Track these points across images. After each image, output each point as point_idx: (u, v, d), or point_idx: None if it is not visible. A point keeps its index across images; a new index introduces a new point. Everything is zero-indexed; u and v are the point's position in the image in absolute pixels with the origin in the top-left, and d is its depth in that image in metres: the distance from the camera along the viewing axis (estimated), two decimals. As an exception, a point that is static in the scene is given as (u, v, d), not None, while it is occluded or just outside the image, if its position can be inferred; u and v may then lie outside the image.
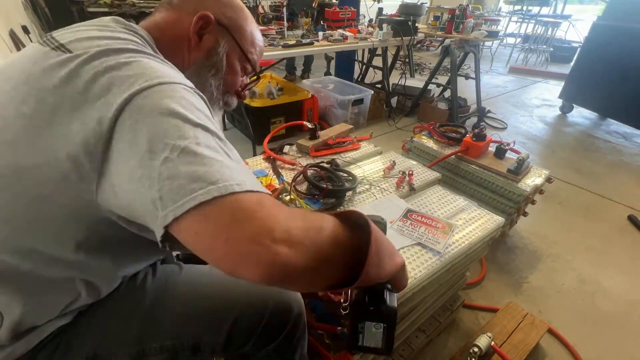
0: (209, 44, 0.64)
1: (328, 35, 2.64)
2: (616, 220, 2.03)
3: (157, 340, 0.61)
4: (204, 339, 0.63)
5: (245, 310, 0.64)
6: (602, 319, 1.41)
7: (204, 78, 0.66)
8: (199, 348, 0.63)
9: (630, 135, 3.26)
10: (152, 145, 0.39)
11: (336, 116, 2.96)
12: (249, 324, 0.64)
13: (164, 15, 0.64)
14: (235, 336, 0.63)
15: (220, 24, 0.65)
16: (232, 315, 0.63)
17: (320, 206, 1.06)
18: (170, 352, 0.62)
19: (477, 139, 1.62)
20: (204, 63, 0.65)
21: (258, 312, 0.64)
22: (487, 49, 6.79)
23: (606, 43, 3.25)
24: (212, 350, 0.64)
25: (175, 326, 0.62)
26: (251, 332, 0.64)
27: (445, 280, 1.02)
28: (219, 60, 0.66)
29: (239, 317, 0.63)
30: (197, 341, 0.62)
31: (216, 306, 0.64)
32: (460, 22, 3.06)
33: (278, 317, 0.66)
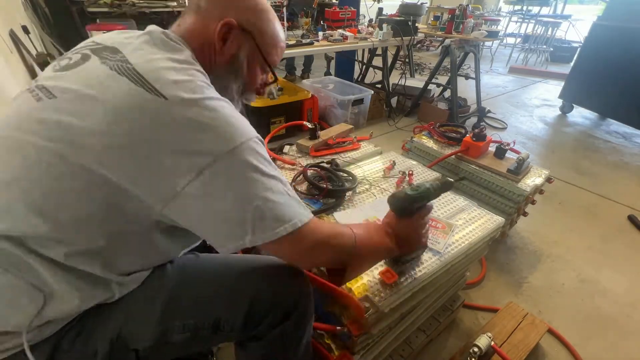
0: (232, 49, 0.69)
1: (328, 35, 2.64)
2: (616, 220, 2.03)
3: (179, 319, 0.64)
4: (223, 317, 0.65)
5: (261, 292, 0.67)
6: (602, 319, 1.41)
7: (226, 82, 0.71)
8: (218, 326, 0.65)
9: (630, 135, 3.26)
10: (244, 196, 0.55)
11: (336, 116, 2.96)
12: (264, 305, 0.67)
13: (193, 21, 0.68)
14: (253, 315, 0.66)
15: (243, 29, 0.68)
16: (249, 295, 0.66)
17: (320, 206, 1.06)
18: (192, 331, 0.64)
19: (477, 139, 1.62)
20: (227, 68, 0.70)
21: (272, 294, 0.68)
22: (487, 49, 6.80)
23: (606, 43, 3.25)
24: (232, 328, 0.66)
25: (196, 305, 0.65)
26: (266, 313, 0.67)
27: (445, 280, 1.02)
28: (241, 64, 0.71)
29: (255, 298, 0.66)
30: (217, 319, 0.65)
31: (233, 286, 0.67)
32: (460, 22, 3.06)
33: (288, 300, 0.69)
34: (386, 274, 0.83)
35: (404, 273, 0.86)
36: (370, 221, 1.02)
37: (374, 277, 0.84)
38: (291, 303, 0.69)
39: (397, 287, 0.82)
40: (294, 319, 0.70)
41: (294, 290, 0.70)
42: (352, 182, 1.16)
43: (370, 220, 1.03)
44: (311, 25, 2.94)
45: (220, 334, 0.66)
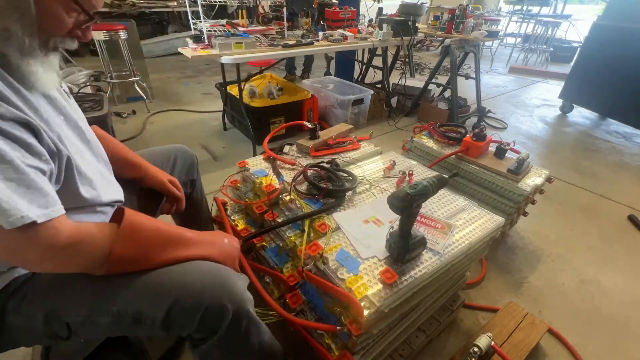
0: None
1: (328, 35, 2.64)
2: (616, 220, 2.03)
3: (104, 304, 0.67)
4: (144, 310, 0.67)
5: (184, 296, 0.67)
6: (602, 319, 1.41)
7: (6, 23, 0.54)
8: (140, 319, 0.67)
9: (630, 135, 3.26)
10: None
11: (336, 116, 2.96)
12: (187, 310, 0.67)
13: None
14: (173, 316, 0.67)
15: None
16: (171, 296, 0.67)
17: (321, 206, 1.06)
18: (114, 317, 0.67)
19: (477, 139, 1.62)
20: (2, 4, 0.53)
21: (196, 300, 0.67)
22: (487, 49, 6.80)
23: (606, 43, 3.25)
24: (152, 323, 0.68)
25: (121, 294, 0.67)
26: (190, 318, 0.68)
27: (445, 280, 1.02)
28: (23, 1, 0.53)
29: (177, 300, 0.67)
30: (139, 311, 0.67)
31: (158, 283, 0.68)
32: (460, 22, 3.06)
33: (215, 311, 0.68)
34: (386, 274, 0.83)
35: (404, 273, 0.86)
36: (370, 221, 1.02)
37: (374, 277, 0.84)
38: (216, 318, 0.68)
39: (397, 287, 0.82)
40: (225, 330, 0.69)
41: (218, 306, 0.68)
42: (352, 182, 1.16)
43: (370, 220, 1.03)
44: (311, 25, 2.94)
45: (141, 326, 0.68)
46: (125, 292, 0.67)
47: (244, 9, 2.64)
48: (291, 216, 1.09)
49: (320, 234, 0.98)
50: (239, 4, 2.68)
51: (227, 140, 2.76)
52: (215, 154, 2.54)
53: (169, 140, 1.17)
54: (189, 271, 0.70)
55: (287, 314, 0.92)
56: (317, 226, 0.98)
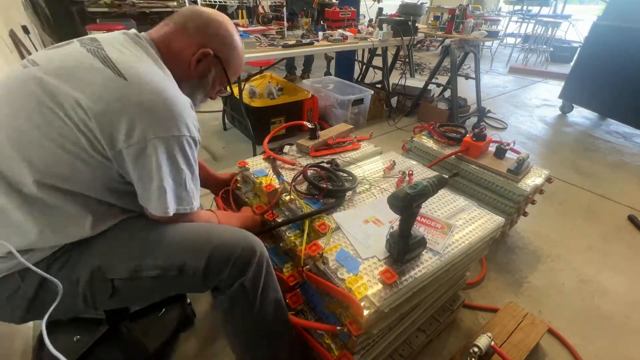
0: (204, 70, 0.88)
1: (328, 35, 2.64)
2: (616, 220, 2.03)
3: (151, 258, 0.76)
4: (187, 262, 0.77)
5: (220, 245, 0.79)
6: (602, 319, 1.41)
7: (193, 91, 0.90)
8: (183, 269, 0.77)
9: (630, 135, 3.26)
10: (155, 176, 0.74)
11: (336, 116, 2.96)
12: (223, 256, 0.79)
13: (176, 37, 0.84)
14: (212, 264, 0.78)
15: (216, 57, 0.87)
16: (210, 246, 0.78)
17: (321, 206, 1.06)
18: (161, 269, 0.76)
19: (477, 139, 1.62)
20: (197, 82, 0.89)
21: (230, 248, 0.80)
22: (487, 49, 6.80)
23: (606, 43, 3.25)
24: (194, 273, 0.77)
25: (166, 248, 0.77)
26: (225, 263, 0.79)
27: (445, 280, 1.02)
28: (207, 82, 0.91)
29: (215, 249, 0.78)
30: (183, 263, 0.77)
31: (198, 237, 0.80)
32: (460, 22, 3.06)
33: (246, 255, 0.81)
34: (386, 274, 0.83)
35: (404, 273, 0.86)
36: (370, 221, 1.02)
37: (374, 277, 0.84)
38: (248, 257, 0.82)
39: (397, 287, 0.82)
40: (252, 272, 0.82)
41: (248, 247, 0.82)
42: (352, 182, 1.16)
43: (370, 220, 1.03)
44: (311, 25, 2.94)
45: (184, 278, 0.78)
46: (171, 246, 0.77)
47: (244, 9, 2.65)
48: (291, 216, 1.09)
49: (320, 234, 0.98)
50: (239, 4, 2.69)
51: (227, 140, 2.76)
52: (215, 154, 2.54)
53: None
54: (220, 228, 0.85)
55: (287, 314, 0.92)
56: (317, 226, 0.98)
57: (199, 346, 1.21)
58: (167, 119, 0.71)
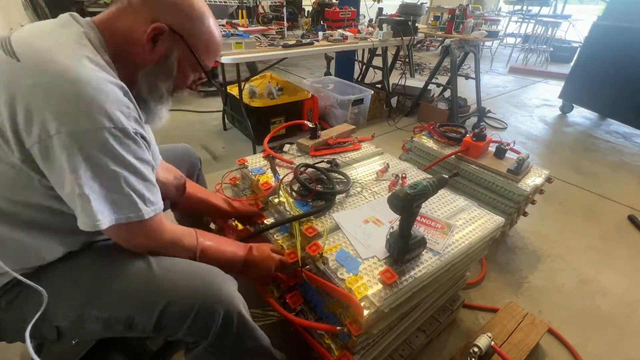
0: (162, 51, 0.70)
1: (328, 35, 2.64)
2: (616, 220, 2.03)
3: (95, 310, 0.68)
4: (136, 317, 0.68)
5: (174, 301, 0.69)
6: (602, 319, 1.41)
7: (153, 81, 0.72)
8: (130, 325, 0.69)
9: (630, 135, 3.26)
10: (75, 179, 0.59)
11: (336, 116, 2.96)
12: (177, 314, 0.69)
13: (120, 16, 0.68)
14: (164, 322, 0.69)
15: (175, 32, 0.69)
16: (162, 302, 0.68)
17: (310, 208, 1.04)
18: (105, 323, 0.68)
19: (477, 139, 1.62)
20: (155, 68, 0.71)
21: (187, 305, 0.69)
22: (487, 49, 6.80)
23: (606, 43, 3.24)
24: (143, 329, 0.69)
25: (112, 298, 0.68)
26: (180, 323, 0.69)
27: (445, 280, 1.02)
28: (170, 66, 0.72)
29: (168, 306, 0.68)
30: (130, 318, 0.68)
31: (149, 289, 0.69)
32: (460, 22, 3.06)
33: (206, 313, 0.70)
34: (386, 274, 0.83)
35: (404, 273, 0.86)
36: (370, 221, 1.02)
37: (374, 277, 0.84)
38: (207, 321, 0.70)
39: (397, 287, 0.82)
40: (214, 335, 0.71)
41: (207, 305, 0.69)
42: (345, 184, 1.15)
43: (370, 220, 1.03)
44: (311, 26, 2.94)
45: (132, 332, 0.70)
46: (117, 296, 0.68)
47: (244, 9, 2.64)
48: (279, 218, 1.08)
49: (308, 238, 0.96)
50: (239, 4, 2.69)
51: (227, 140, 2.76)
52: (215, 153, 2.54)
53: (169, 140, 1.16)
54: (179, 274, 0.72)
55: (287, 313, 0.92)
56: (305, 230, 0.97)
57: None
58: (75, 107, 0.56)
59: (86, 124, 0.56)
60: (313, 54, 2.62)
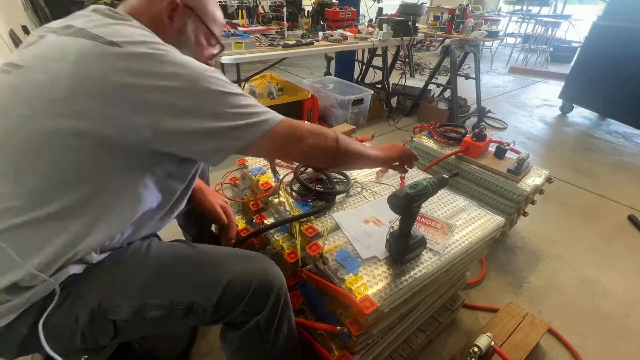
0: (178, 25, 0.76)
1: (328, 35, 2.64)
2: (616, 220, 2.03)
3: (157, 297, 0.67)
4: (197, 300, 0.68)
5: (234, 280, 0.71)
6: (602, 318, 1.41)
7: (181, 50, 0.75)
8: (192, 309, 0.68)
9: (630, 135, 3.26)
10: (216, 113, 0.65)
11: (336, 116, 2.96)
12: (237, 293, 0.71)
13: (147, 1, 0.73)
14: (224, 302, 0.70)
15: (187, 6, 0.75)
16: (224, 282, 0.70)
17: (310, 209, 1.04)
18: (167, 310, 0.67)
19: (477, 139, 1.62)
20: (176, 42, 0.73)
21: (245, 283, 0.71)
22: (487, 49, 6.80)
23: (606, 43, 3.25)
24: (204, 312, 0.69)
25: (174, 286, 0.69)
26: (239, 301, 0.71)
27: (445, 280, 1.02)
28: (188, 38, 0.78)
29: (229, 285, 0.70)
30: (192, 301, 0.68)
31: (210, 271, 0.72)
32: (460, 22, 3.06)
33: (262, 290, 0.73)
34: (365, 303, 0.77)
35: (404, 273, 0.86)
36: (370, 221, 1.02)
37: (374, 277, 0.84)
38: (265, 293, 0.74)
39: (397, 287, 0.82)
40: (268, 309, 0.74)
41: (265, 282, 0.74)
42: (345, 184, 1.15)
43: (370, 220, 1.03)
44: (311, 25, 2.94)
45: (192, 316, 0.69)
46: (179, 282, 0.69)
47: (244, 9, 2.65)
48: (279, 218, 1.08)
49: (307, 238, 0.96)
50: (239, 4, 2.69)
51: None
52: (215, 154, 2.53)
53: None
54: (232, 256, 0.77)
55: (287, 314, 0.92)
56: (304, 230, 0.97)
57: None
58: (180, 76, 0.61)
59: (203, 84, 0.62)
60: (313, 54, 2.62)
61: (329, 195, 1.08)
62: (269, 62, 3.24)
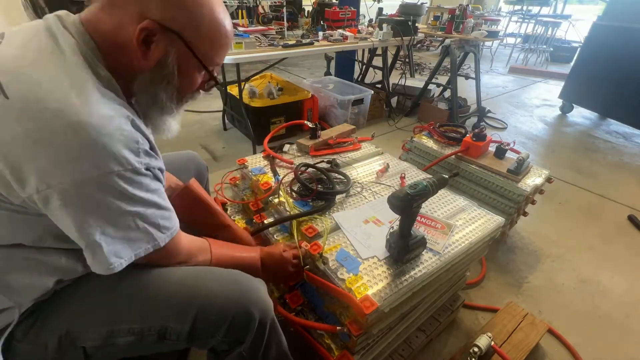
0: (158, 54, 0.59)
1: (328, 35, 2.64)
2: (616, 220, 2.03)
3: (126, 322, 0.64)
4: (170, 325, 0.65)
5: (209, 306, 0.66)
6: (602, 319, 1.41)
7: (153, 91, 0.63)
8: (164, 335, 0.65)
9: (630, 135, 3.26)
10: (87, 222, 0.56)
11: (336, 116, 2.96)
12: (213, 321, 0.66)
13: (106, 15, 0.57)
14: (199, 329, 0.66)
15: (169, 30, 0.58)
16: (196, 305, 0.65)
17: (310, 208, 1.04)
18: (138, 335, 0.64)
19: (477, 139, 1.62)
20: (154, 74, 0.61)
21: (223, 310, 0.66)
22: (487, 49, 6.80)
23: (606, 43, 3.24)
24: (177, 337, 0.66)
25: (144, 309, 0.65)
26: (216, 329, 0.67)
27: (445, 280, 1.02)
28: (170, 71, 0.62)
29: (203, 310, 0.65)
30: (164, 326, 0.65)
31: (182, 294, 0.66)
32: (460, 22, 3.06)
33: (242, 320, 0.68)
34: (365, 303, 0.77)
35: (404, 273, 0.86)
36: (370, 221, 1.02)
37: (374, 277, 0.84)
38: (244, 325, 0.68)
39: (397, 287, 0.82)
40: (250, 340, 0.69)
41: (243, 311, 0.67)
42: (345, 184, 1.15)
43: (370, 220, 1.03)
44: (311, 25, 2.94)
45: (166, 342, 0.66)
46: (148, 306, 0.65)
47: (244, 9, 2.64)
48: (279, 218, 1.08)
49: (308, 237, 0.96)
50: (239, 4, 2.69)
51: (227, 140, 2.76)
52: (215, 154, 2.54)
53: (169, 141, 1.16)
54: (212, 278, 0.70)
55: (287, 313, 0.92)
56: (304, 230, 0.97)
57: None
58: (78, 155, 0.50)
59: (92, 172, 0.50)
60: (313, 54, 2.62)
61: (328, 195, 1.08)
62: (269, 62, 3.24)
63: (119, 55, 0.58)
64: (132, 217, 0.57)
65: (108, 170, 0.51)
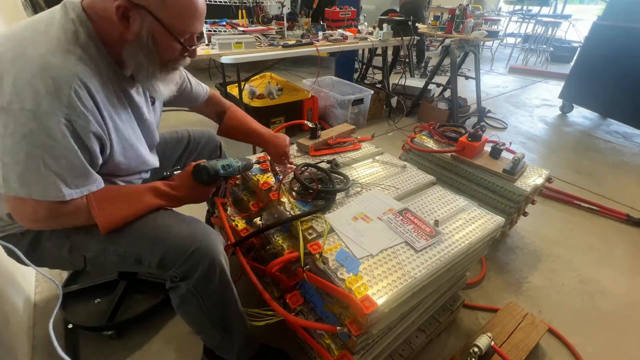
0: (135, 27, 0.71)
1: (328, 35, 2.64)
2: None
3: (113, 246, 0.83)
4: (144, 255, 0.84)
5: (176, 244, 0.82)
6: (602, 319, 1.41)
7: (138, 59, 0.75)
8: (140, 261, 0.84)
9: (630, 135, 3.26)
10: None
11: (336, 116, 2.96)
12: (176, 255, 0.82)
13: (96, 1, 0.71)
14: (166, 261, 0.83)
15: (137, 5, 0.68)
16: (166, 244, 0.82)
17: (310, 208, 1.04)
18: (120, 257, 0.84)
19: (473, 139, 1.62)
20: (135, 46, 0.73)
21: (184, 247, 0.82)
22: (487, 49, 6.80)
23: (606, 43, 3.24)
24: (149, 265, 0.84)
25: (125, 240, 0.83)
26: (175, 262, 0.82)
27: (445, 280, 1.02)
28: (147, 42, 0.73)
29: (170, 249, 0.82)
30: (140, 255, 0.84)
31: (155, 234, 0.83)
32: (460, 22, 3.06)
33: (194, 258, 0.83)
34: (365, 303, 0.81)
35: (405, 272, 0.86)
36: (359, 217, 1.02)
37: (374, 277, 0.84)
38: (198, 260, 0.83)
39: (397, 287, 0.82)
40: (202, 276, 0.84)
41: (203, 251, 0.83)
42: (345, 184, 1.15)
43: (358, 217, 1.02)
44: (311, 25, 2.94)
45: (141, 266, 0.86)
46: (129, 239, 0.83)
47: (244, 9, 2.65)
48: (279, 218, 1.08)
49: (308, 238, 0.96)
50: (239, 4, 2.69)
51: (227, 140, 2.74)
52: (215, 154, 2.54)
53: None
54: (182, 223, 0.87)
55: (287, 313, 0.92)
56: (304, 230, 0.97)
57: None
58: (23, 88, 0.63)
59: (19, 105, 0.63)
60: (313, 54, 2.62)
61: (328, 194, 1.08)
62: (269, 62, 3.24)
63: (110, 31, 0.72)
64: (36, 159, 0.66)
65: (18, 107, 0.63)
